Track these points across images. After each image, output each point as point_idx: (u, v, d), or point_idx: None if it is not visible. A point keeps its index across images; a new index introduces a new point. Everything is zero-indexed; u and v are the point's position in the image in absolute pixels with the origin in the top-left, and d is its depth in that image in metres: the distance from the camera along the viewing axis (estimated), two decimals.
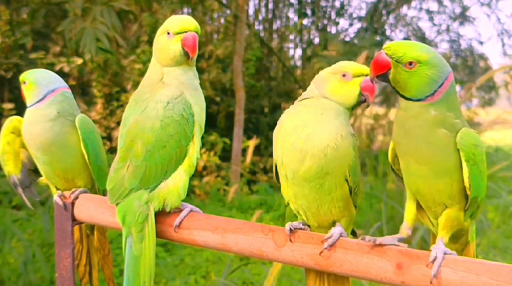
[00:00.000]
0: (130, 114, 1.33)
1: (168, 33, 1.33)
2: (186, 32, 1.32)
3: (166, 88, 1.32)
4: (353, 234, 1.30)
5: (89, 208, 1.43)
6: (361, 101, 1.17)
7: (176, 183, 1.30)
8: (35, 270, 4.24)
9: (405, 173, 1.09)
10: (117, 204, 1.34)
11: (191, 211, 1.32)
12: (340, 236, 1.10)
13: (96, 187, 1.57)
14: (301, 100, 1.20)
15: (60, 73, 7.85)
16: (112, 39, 5.72)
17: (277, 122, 1.19)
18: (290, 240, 1.12)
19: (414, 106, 1.03)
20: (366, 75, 1.16)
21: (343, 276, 1.17)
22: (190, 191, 7.86)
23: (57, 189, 1.57)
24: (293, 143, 1.11)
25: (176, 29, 1.32)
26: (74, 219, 1.44)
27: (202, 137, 1.37)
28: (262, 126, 9.67)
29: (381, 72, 1.05)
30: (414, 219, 1.11)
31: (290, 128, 1.13)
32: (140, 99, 1.33)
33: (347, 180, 1.15)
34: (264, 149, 9.05)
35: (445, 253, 0.97)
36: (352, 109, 1.20)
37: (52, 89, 1.51)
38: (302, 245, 1.10)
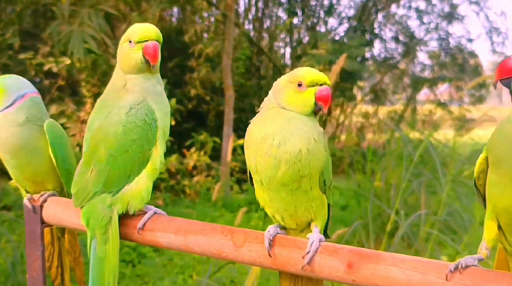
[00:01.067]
0: (95, 119, 1.36)
1: (130, 42, 1.34)
2: (147, 41, 1.34)
3: (129, 95, 1.34)
4: (325, 234, 1.31)
5: (57, 211, 1.45)
6: (316, 110, 1.18)
7: (139, 187, 1.32)
8: (23, 271, 4.24)
9: (494, 189, 1.02)
10: (81, 207, 1.36)
11: (154, 213, 1.34)
12: (320, 244, 1.11)
13: (65, 190, 1.59)
14: (262, 109, 1.23)
15: (49, 73, 7.85)
16: (100, 41, 5.72)
17: (246, 131, 1.21)
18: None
19: None
20: (321, 85, 1.16)
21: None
22: (180, 191, 7.87)
23: (27, 192, 1.59)
24: (266, 151, 1.12)
25: (137, 38, 1.34)
26: (43, 222, 1.46)
27: (192, 136, 1.39)
28: None
29: (506, 77, 0.99)
30: (495, 239, 1.05)
31: (259, 137, 1.14)
32: (105, 105, 1.36)
33: (323, 180, 1.18)
34: None
35: None
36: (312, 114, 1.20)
37: (21, 95, 1.53)
38: (259, 246, 1.12)
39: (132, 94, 1.33)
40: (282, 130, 1.13)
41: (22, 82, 1.58)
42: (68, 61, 7.50)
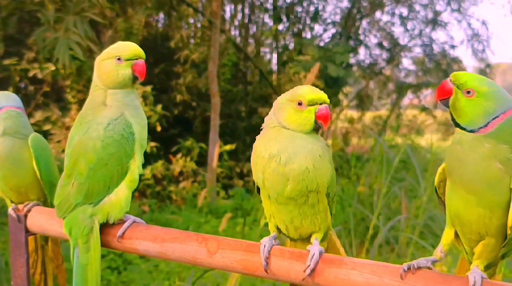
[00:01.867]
0: (75, 134, 1.42)
1: (119, 59, 1.41)
2: (137, 59, 1.43)
3: (107, 110, 1.40)
4: None
5: (41, 220, 1.51)
6: (316, 128, 1.21)
7: (118, 198, 1.39)
8: (8, 278, 4.24)
9: (449, 198, 1.12)
10: (64, 218, 1.42)
11: (133, 222, 1.41)
12: (320, 255, 1.15)
13: (49, 200, 1.65)
14: (265, 128, 1.26)
15: (34, 79, 7.82)
16: (86, 48, 5.74)
17: (253, 147, 1.24)
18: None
19: (468, 138, 1.05)
20: (321, 104, 1.20)
21: None
22: (166, 197, 7.88)
23: (12, 202, 1.64)
24: (274, 169, 1.16)
25: (127, 56, 1.42)
26: (27, 231, 1.52)
27: (178, 142, 1.45)
28: (238, 130, 9.72)
29: (444, 97, 1.09)
30: (450, 244, 1.15)
31: (266, 156, 1.18)
32: (84, 120, 1.42)
33: (327, 193, 1.23)
34: (241, 154, 9.11)
35: (482, 277, 1.01)
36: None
37: None
38: (232, 252, 1.19)
39: (110, 109, 1.39)
40: (287, 148, 1.17)
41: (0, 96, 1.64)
42: (53, 67, 7.49)
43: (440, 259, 1.10)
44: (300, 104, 1.19)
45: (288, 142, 1.18)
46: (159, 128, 8.07)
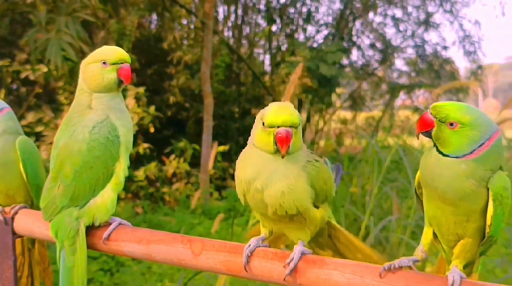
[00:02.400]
0: (61, 137, 1.43)
1: (104, 63, 1.42)
2: (122, 63, 1.44)
3: (93, 113, 1.41)
4: None
5: (28, 223, 1.51)
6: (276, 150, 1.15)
7: (104, 200, 1.40)
8: None
9: (426, 203, 1.14)
10: (50, 220, 1.43)
11: (119, 224, 1.42)
12: (302, 256, 1.15)
13: (35, 203, 1.65)
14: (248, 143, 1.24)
15: (26, 80, 7.80)
16: (78, 49, 5.73)
17: (236, 163, 1.22)
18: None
19: (445, 159, 1.06)
20: (278, 127, 1.14)
21: None
22: (160, 198, 7.87)
23: None
24: (253, 195, 1.16)
25: (113, 60, 1.43)
26: (14, 233, 1.52)
27: (171, 144, 1.45)
28: (232, 132, 9.74)
29: (425, 130, 1.09)
30: (430, 244, 1.16)
31: (245, 181, 1.17)
32: (70, 123, 1.43)
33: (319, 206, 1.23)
34: (234, 155, 9.11)
35: (461, 277, 1.03)
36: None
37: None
38: (216, 253, 1.20)
39: (96, 112, 1.41)
40: (261, 174, 1.14)
41: None
42: (45, 69, 7.47)
43: (421, 259, 1.12)
44: (263, 124, 1.16)
45: (262, 166, 1.15)
46: (152, 130, 8.06)
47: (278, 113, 1.14)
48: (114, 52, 1.44)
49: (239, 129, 9.74)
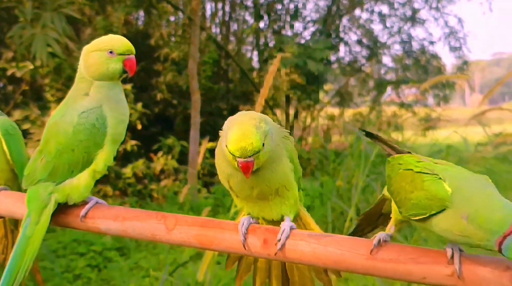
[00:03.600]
0: (54, 116, 1.49)
1: (111, 52, 1.44)
2: (129, 54, 1.47)
3: (87, 100, 1.44)
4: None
5: (8, 204, 1.55)
6: None
7: (80, 183, 1.44)
8: None
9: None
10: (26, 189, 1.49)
11: (96, 203, 1.46)
12: (291, 230, 1.20)
13: (18, 184, 1.68)
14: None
15: (13, 78, 7.75)
16: (63, 45, 5.71)
17: (216, 153, 1.28)
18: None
19: None
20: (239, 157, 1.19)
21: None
22: (148, 195, 7.87)
23: None
24: (239, 179, 1.21)
25: (120, 50, 1.45)
26: None
27: (159, 141, 1.49)
28: (220, 128, 9.69)
29: None
30: (400, 221, 1.21)
31: (228, 170, 1.22)
32: (65, 105, 1.48)
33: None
34: None
35: (460, 249, 1.05)
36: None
37: None
38: (188, 228, 1.24)
39: (90, 99, 1.44)
40: None
41: None
42: (31, 66, 7.44)
43: (392, 234, 1.17)
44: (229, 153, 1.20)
45: None
46: (139, 126, 8.06)
47: (238, 144, 1.16)
48: (121, 43, 1.47)
49: None
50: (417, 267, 0.98)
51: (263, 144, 1.16)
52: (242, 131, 1.17)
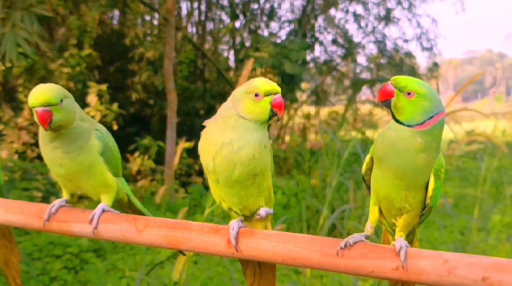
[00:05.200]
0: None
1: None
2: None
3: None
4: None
5: None
6: (273, 115, 1.33)
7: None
8: None
9: (377, 182, 1.28)
10: None
11: (103, 211, 1.48)
12: (267, 214, 1.35)
13: None
14: (222, 117, 1.36)
15: None
16: (34, 45, 5.65)
17: (202, 135, 1.36)
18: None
19: (403, 130, 1.20)
20: (275, 94, 1.32)
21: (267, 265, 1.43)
22: None
23: None
24: (225, 156, 1.29)
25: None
26: None
27: (135, 141, 1.55)
28: (196, 128, 9.76)
29: (386, 98, 1.24)
30: (377, 221, 1.32)
31: (219, 144, 1.30)
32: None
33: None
34: None
35: (406, 246, 1.16)
36: (267, 121, 1.36)
37: None
38: (158, 229, 1.31)
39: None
40: (240, 138, 1.29)
41: None
42: (2, 67, 7.34)
43: (371, 234, 1.28)
44: (256, 95, 1.31)
45: (243, 132, 1.30)
46: (115, 127, 8.03)
47: (269, 83, 1.31)
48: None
49: (204, 125, 9.78)
50: (366, 262, 1.08)
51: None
52: (266, 79, 1.33)
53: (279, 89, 1.33)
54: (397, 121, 1.22)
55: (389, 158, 1.21)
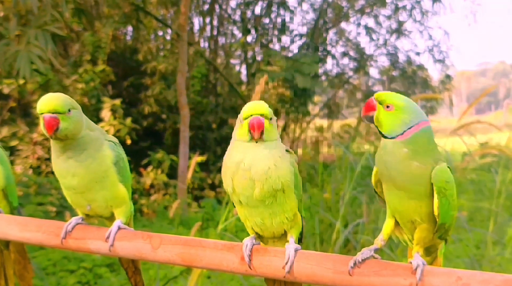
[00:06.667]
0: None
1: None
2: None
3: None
4: (299, 242, 1.48)
5: (1, 225, 1.60)
6: (251, 137, 1.34)
7: None
8: None
9: (386, 195, 1.31)
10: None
11: (119, 228, 1.49)
12: (296, 252, 1.28)
13: (9, 206, 1.74)
14: (233, 140, 1.41)
15: (0, 94, 7.74)
16: (48, 62, 5.76)
17: (223, 160, 1.40)
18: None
19: (389, 143, 1.25)
20: (251, 115, 1.34)
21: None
22: (138, 210, 7.86)
23: None
24: (241, 174, 1.31)
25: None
26: None
27: (148, 155, 1.58)
28: (209, 142, 9.81)
29: (368, 113, 1.29)
30: (389, 234, 1.34)
31: (233, 164, 1.33)
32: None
33: (294, 193, 1.38)
34: (212, 165, 9.17)
35: (423, 263, 1.17)
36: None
37: None
38: (172, 247, 1.33)
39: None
40: (248, 155, 1.33)
41: None
42: (18, 83, 7.46)
43: (381, 247, 1.28)
44: (241, 121, 1.37)
45: (249, 151, 1.33)
46: (129, 141, 8.10)
47: (250, 106, 1.36)
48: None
49: (216, 139, 9.81)
50: (379, 279, 1.09)
51: (270, 116, 1.35)
52: (253, 101, 1.39)
53: (262, 111, 1.35)
54: (381, 134, 1.27)
55: (385, 170, 1.26)
